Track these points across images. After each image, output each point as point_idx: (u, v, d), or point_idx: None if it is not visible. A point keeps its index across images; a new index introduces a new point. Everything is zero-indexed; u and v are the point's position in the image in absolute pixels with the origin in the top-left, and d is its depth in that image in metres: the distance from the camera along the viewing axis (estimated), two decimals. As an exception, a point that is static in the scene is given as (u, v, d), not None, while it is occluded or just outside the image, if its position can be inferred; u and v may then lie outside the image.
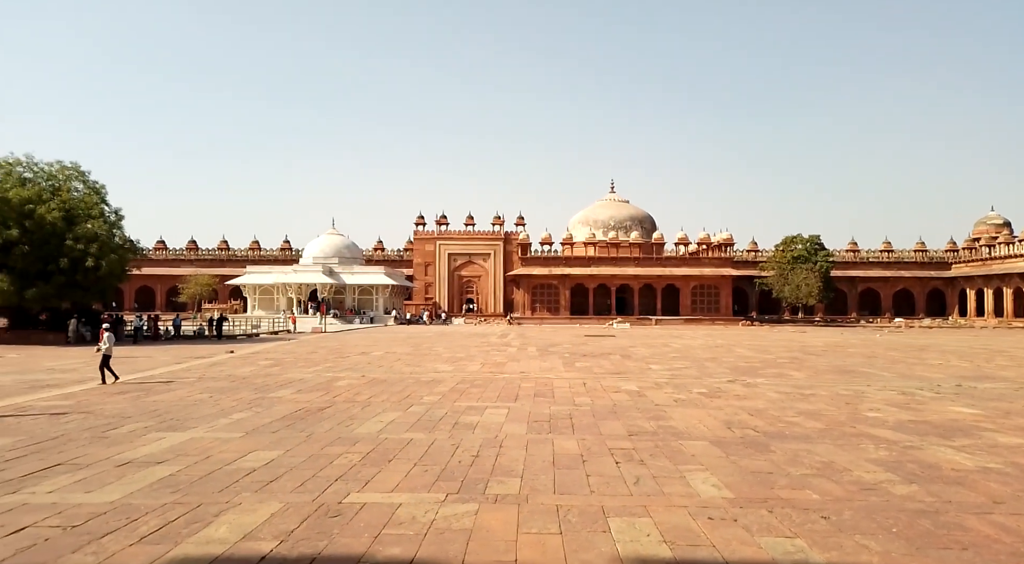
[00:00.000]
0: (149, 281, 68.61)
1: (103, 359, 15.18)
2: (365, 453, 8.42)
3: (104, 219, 31.16)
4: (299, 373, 17.68)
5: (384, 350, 26.09)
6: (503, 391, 14.36)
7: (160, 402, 12.54)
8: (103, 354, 15.17)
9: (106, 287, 31.87)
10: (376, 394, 13.77)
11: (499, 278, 67.27)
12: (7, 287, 27.62)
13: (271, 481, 7.09)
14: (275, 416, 11.10)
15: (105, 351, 15.16)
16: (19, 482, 6.96)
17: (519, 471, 7.56)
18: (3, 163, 30.51)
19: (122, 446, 8.69)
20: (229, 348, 26.78)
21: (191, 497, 6.48)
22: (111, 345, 15.34)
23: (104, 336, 15.36)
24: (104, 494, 6.55)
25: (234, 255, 73.48)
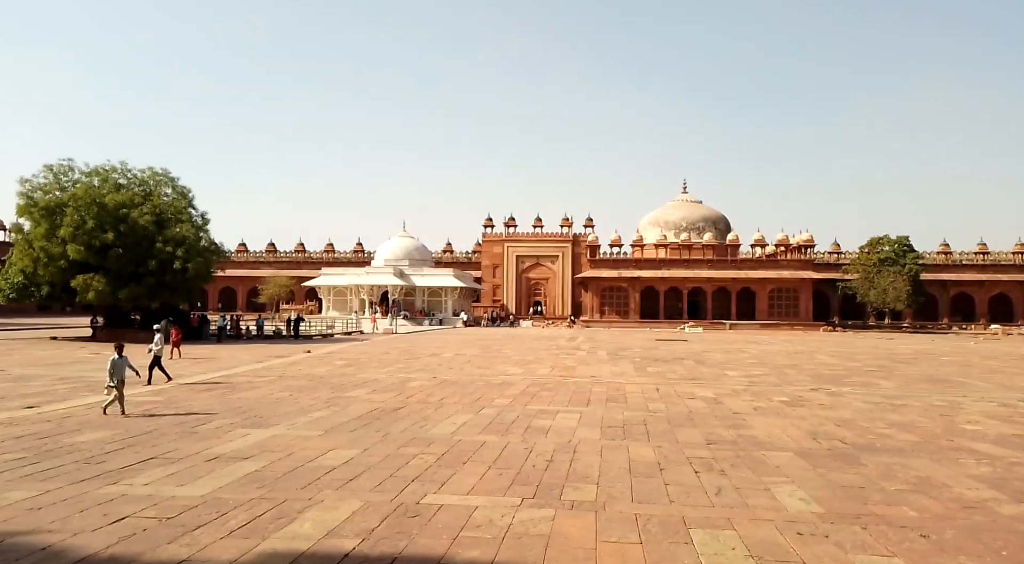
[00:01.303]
0: (231, 282, 71.77)
1: (153, 359, 15.23)
2: (440, 454, 8.49)
3: (191, 223, 32.79)
4: (373, 373, 18.06)
5: (454, 352, 26.36)
6: (574, 395, 14.24)
7: (244, 399, 13.03)
8: (153, 354, 15.23)
9: (192, 288, 33.51)
10: (448, 396, 13.90)
11: (567, 280, 66.97)
12: (103, 287, 29.38)
13: (351, 479, 7.23)
14: (352, 415, 11.34)
15: (156, 351, 15.22)
16: (118, 474, 7.34)
17: (595, 477, 7.45)
18: (100, 170, 32.56)
19: (210, 441, 9.07)
20: (306, 348, 27.66)
21: (276, 493, 6.68)
22: (161, 346, 15.43)
23: (155, 337, 15.50)
24: (195, 488, 6.83)
25: (310, 257, 75.97)
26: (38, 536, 5.37)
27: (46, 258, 29.70)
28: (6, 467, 7.52)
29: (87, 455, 8.16)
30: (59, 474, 7.26)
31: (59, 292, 31.48)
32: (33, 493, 6.53)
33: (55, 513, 5.95)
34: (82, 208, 29.50)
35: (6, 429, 9.71)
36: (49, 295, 31.99)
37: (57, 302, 33.18)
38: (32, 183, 30.80)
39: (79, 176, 31.89)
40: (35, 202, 30.06)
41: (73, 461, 7.85)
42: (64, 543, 5.24)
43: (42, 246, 29.55)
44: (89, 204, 29.69)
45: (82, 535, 5.41)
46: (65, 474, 7.27)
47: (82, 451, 8.37)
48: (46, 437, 9.19)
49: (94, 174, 32.21)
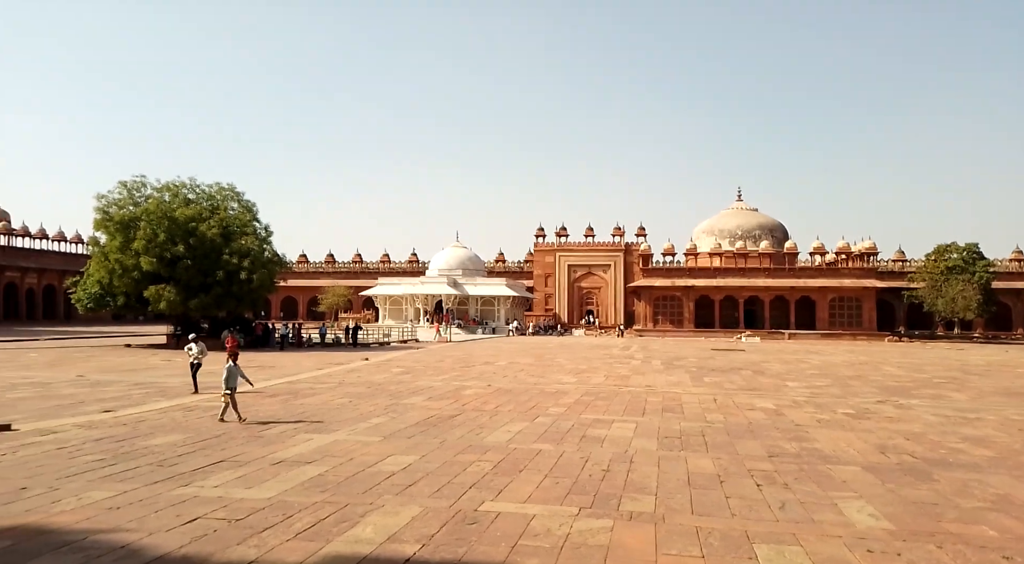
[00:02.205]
0: (293, 292, 73.88)
1: (192, 367, 15.23)
2: (496, 462, 8.54)
3: (256, 235, 33.98)
4: (429, 381, 18.29)
5: (507, 360, 26.45)
6: (629, 405, 14.10)
7: (306, 405, 13.39)
8: (192, 363, 15.22)
9: (257, 298, 34.69)
10: (503, 404, 13.96)
11: (619, 289, 66.39)
12: (174, 297, 30.69)
13: (410, 485, 7.34)
14: (409, 422, 11.52)
15: (194, 360, 15.20)
16: (190, 476, 7.65)
17: (652, 488, 7.36)
18: (171, 186, 34.08)
19: (275, 446, 9.35)
20: (364, 355, 28.21)
21: (338, 497, 6.84)
22: (200, 355, 15.29)
23: (194, 346, 15.36)
24: (262, 490, 7.05)
25: (367, 268, 77.60)
26: (117, 535, 5.65)
27: (121, 270, 31.22)
28: (87, 468, 7.93)
29: (161, 458, 8.53)
30: (135, 476, 7.61)
31: (133, 302, 33.00)
32: (112, 493, 6.87)
33: (132, 513, 6.24)
34: (154, 222, 30.92)
35: (86, 432, 10.24)
36: (124, 305, 33.56)
37: (131, 311, 34.79)
38: (108, 199, 32.47)
39: (151, 191, 33.45)
40: (111, 217, 31.68)
41: (148, 463, 8.22)
42: (141, 542, 5.49)
43: (117, 258, 31.09)
44: (160, 218, 31.10)
45: (157, 535, 5.67)
46: (140, 476, 7.61)
47: (156, 454, 8.75)
48: (122, 440, 9.65)
49: (165, 189, 33.73)
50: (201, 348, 15.36)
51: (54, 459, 8.37)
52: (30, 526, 5.83)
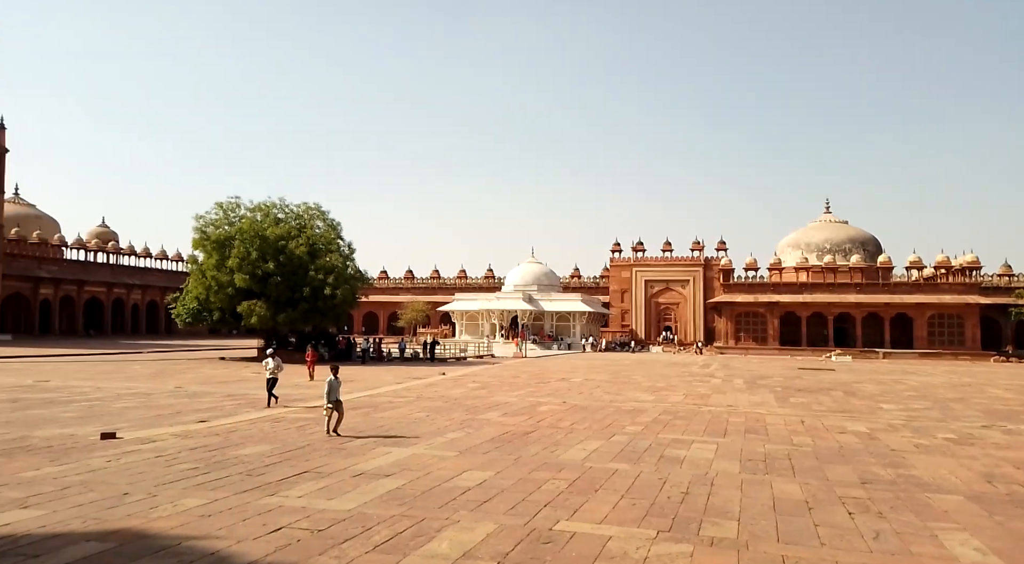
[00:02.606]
0: (374, 307, 76.08)
1: (269, 382, 15.44)
2: (571, 480, 8.45)
3: (339, 253, 35.29)
4: (504, 397, 18.35)
5: (583, 377, 26.23)
6: (710, 425, 13.68)
7: (385, 419, 13.70)
8: (268, 377, 15.45)
9: (340, 313, 35.96)
10: (578, 421, 13.83)
11: (699, 305, 64.76)
12: (264, 312, 32.20)
13: (485, 501, 7.36)
14: (484, 438, 11.58)
15: (271, 374, 15.42)
16: (276, 486, 7.95)
17: (735, 513, 7.10)
18: (262, 206, 35.92)
19: (355, 458, 9.60)
20: (441, 370, 28.64)
21: (415, 510, 6.94)
22: (276, 369, 15.50)
23: (270, 361, 15.56)
24: (343, 502, 7.25)
25: (444, 283, 79.06)
26: (208, 541, 5.93)
27: (216, 286, 33.05)
28: (182, 476, 8.38)
29: (249, 467, 8.91)
30: (225, 484, 7.98)
31: (227, 317, 34.83)
32: (204, 501, 7.22)
33: (222, 521, 6.54)
34: (247, 241, 32.62)
35: (182, 441, 10.83)
36: (219, 320, 35.47)
37: (225, 326, 36.70)
38: (205, 219, 34.53)
39: (244, 212, 35.35)
40: (207, 236, 33.65)
41: (237, 472, 8.60)
42: (230, 549, 5.74)
43: (213, 275, 32.95)
44: (253, 237, 32.79)
45: (245, 542, 5.91)
46: (230, 484, 7.97)
47: (245, 463, 9.15)
48: (215, 449, 10.14)
49: (257, 210, 35.56)
50: (277, 363, 15.61)
51: (153, 467, 8.88)
52: (131, 530, 6.20)
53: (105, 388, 19.18)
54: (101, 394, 17.58)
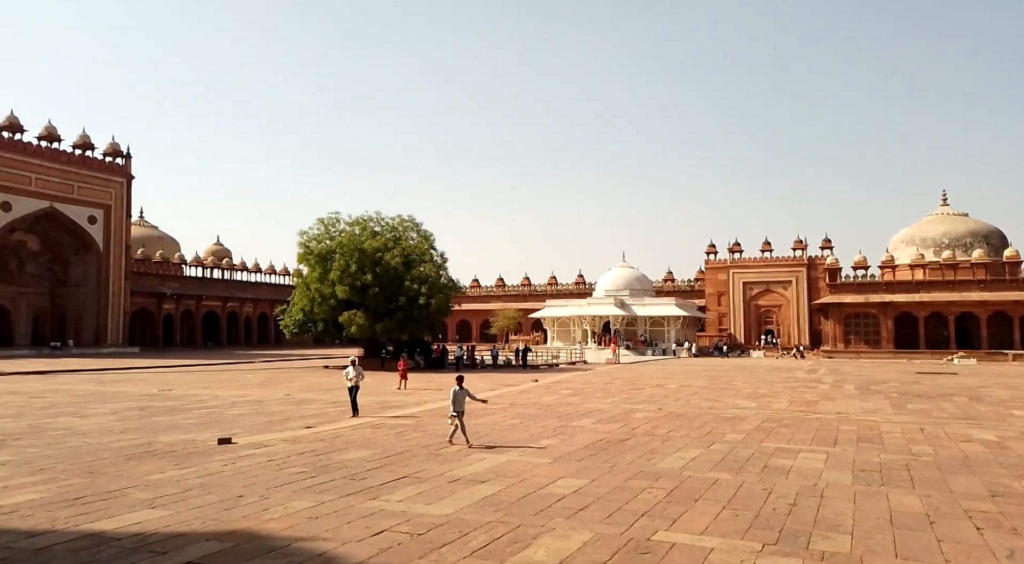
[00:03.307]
0: (466, 315, 77.49)
1: (351, 391, 15.45)
2: (669, 490, 8.24)
3: (433, 263, 36.24)
4: (597, 403, 18.17)
5: (679, 383, 25.57)
6: (818, 433, 12.98)
7: (480, 425, 13.86)
8: (351, 385, 15.41)
9: (435, 321, 36.88)
10: (675, 428, 13.49)
11: (803, 307, 61.80)
12: (363, 322, 33.47)
13: (580, 509, 7.30)
14: (578, 445, 11.50)
15: (354, 382, 15.39)
16: (377, 490, 8.20)
17: (847, 526, 6.69)
18: (360, 220, 37.43)
19: (452, 464, 9.77)
20: (533, 377, 28.71)
21: (511, 517, 6.97)
22: (357, 378, 15.45)
23: (351, 370, 15.50)
24: (440, 507, 7.38)
25: (535, 290, 79.53)
26: (315, 543, 6.18)
27: (319, 298, 34.67)
28: (292, 479, 8.80)
29: (352, 472, 9.25)
30: (331, 488, 8.31)
31: (330, 327, 36.42)
32: (312, 504, 7.55)
33: (328, 523, 6.81)
34: (347, 254, 34.08)
35: (291, 446, 11.39)
36: (323, 330, 37.14)
37: (328, 336, 38.40)
38: (308, 234, 36.36)
39: (344, 226, 36.97)
40: (311, 250, 35.41)
41: (341, 477, 8.94)
42: (335, 551, 5.96)
43: (316, 288, 34.59)
44: (352, 250, 34.21)
45: (350, 544, 6.12)
46: (335, 488, 8.30)
47: (348, 468, 9.51)
48: (321, 454, 10.60)
49: (355, 224, 37.10)
50: (359, 372, 15.55)
51: (265, 470, 9.38)
52: (246, 531, 6.57)
53: (221, 396, 20.48)
54: (218, 402, 18.79)
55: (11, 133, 50.44)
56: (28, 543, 6.11)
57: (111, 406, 17.56)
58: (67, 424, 14.05)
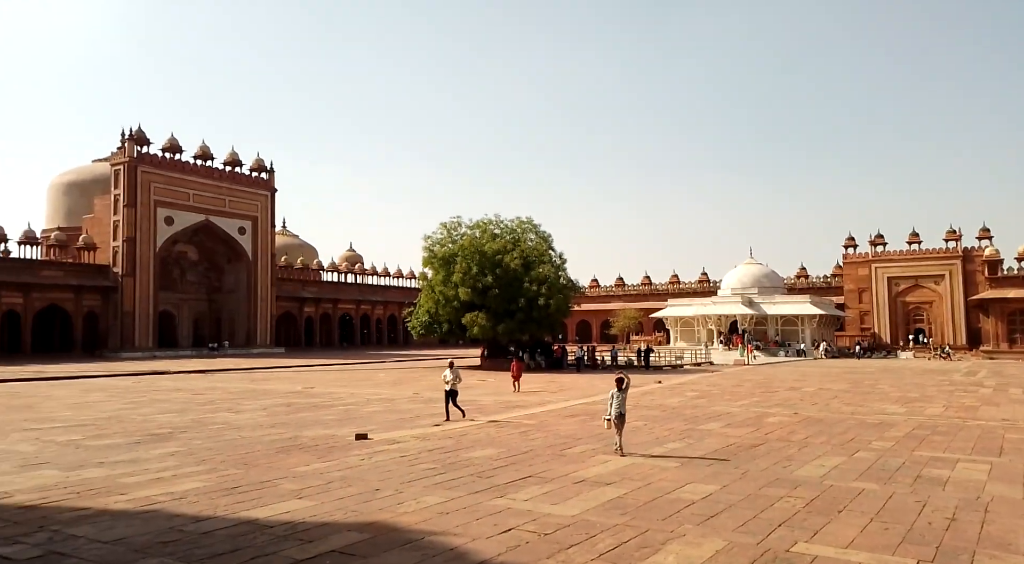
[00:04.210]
0: (586, 316, 77.24)
1: (449, 394, 14.90)
2: (808, 499, 7.77)
3: (551, 263, 36.45)
4: (726, 407, 17.48)
5: (816, 386, 24.07)
6: (979, 442, 11.77)
7: (602, 427, 13.74)
8: (448, 389, 14.91)
9: (554, 322, 37.08)
10: (813, 434, 12.71)
11: (958, 303, 56.26)
12: (485, 323, 34.24)
13: (711, 516, 7.05)
14: (707, 449, 11.12)
15: (451, 386, 14.91)
16: (503, 488, 8.35)
17: (1019, 546, 6.01)
18: (480, 223, 38.34)
19: (576, 465, 9.76)
20: (657, 378, 28.09)
21: (638, 521, 6.85)
22: (455, 380, 14.97)
23: (448, 373, 15.07)
24: (566, 508, 7.39)
25: (655, 290, 77.86)
26: (447, 538, 6.39)
27: (443, 300, 35.86)
28: (423, 475, 9.15)
29: (479, 469, 9.47)
30: (460, 484, 8.56)
31: (454, 328, 37.58)
32: (442, 499, 7.80)
33: (458, 519, 7.01)
34: (468, 256, 35.02)
35: (421, 443, 11.85)
36: (447, 331, 38.40)
37: (452, 336, 39.64)
38: (432, 239, 37.77)
39: (465, 230, 38.04)
40: (434, 254, 36.73)
41: (469, 474, 9.18)
42: (465, 546, 6.13)
43: (440, 290, 35.81)
44: (473, 253, 35.12)
45: (479, 541, 6.27)
46: (464, 485, 8.54)
47: (475, 466, 9.74)
48: (449, 451, 10.94)
49: (476, 227, 38.06)
50: (456, 374, 15.02)
51: (398, 466, 9.82)
52: (383, 523, 6.90)
53: (357, 394, 21.68)
54: (354, 399, 19.90)
55: (171, 154, 56.08)
56: (195, 527, 6.76)
57: (261, 402, 19.08)
58: (224, 419, 15.42)
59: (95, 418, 15.60)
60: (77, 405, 18.56)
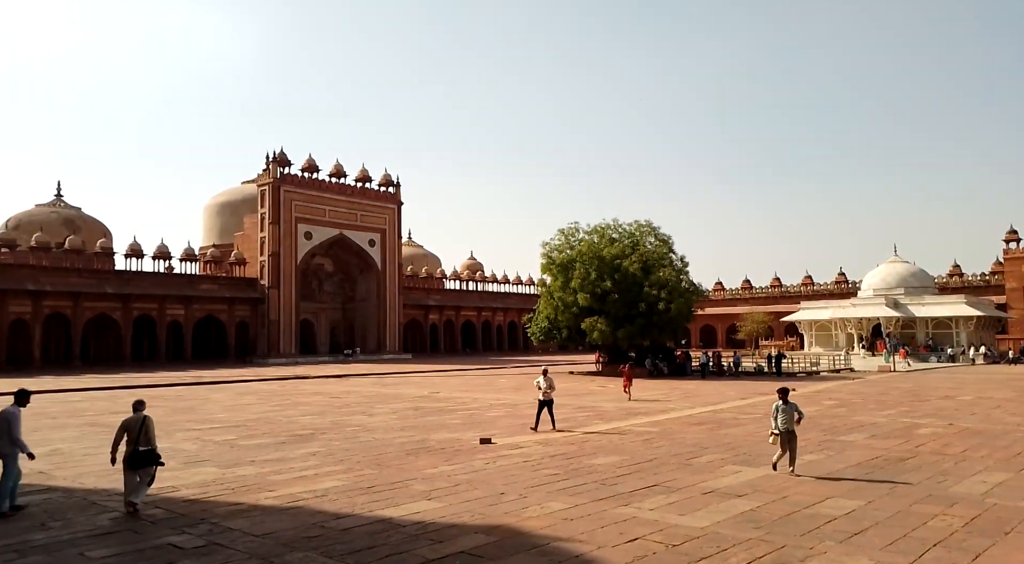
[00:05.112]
0: (710, 320, 74.52)
1: (543, 404, 14.16)
2: (968, 518, 7.07)
3: (672, 267, 35.53)
4: (870, 416, 16.25)
5: (975, 394, 21.81)
6: None
7: (732, 436, 13.22)
8: (540, 399, 14.20)
9: (676, 327, 36.08)
10: (972, 447, 11.54)
11: None
12: (605, 328, 33.91)
13: (855, 533, 6.58)
14: (848, 462, 10.40)
15: (543, 395, 14.15)
16: (628, 496, 8.23)
17: None
18: (598, 228, 38.08)
19: (704, 475, 9.44)
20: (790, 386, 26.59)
21: (773, 536, 6.52)
22: (548, 389, 14.17)
23: (542, 380, 14.24)
24: (694, 519, 7.17)
25: (786, 292, 73.82)
26: (572, 544, 6.39)
27: (562, 306, 35.92)
28: (546, 480, 9.21)
29: (603, 477, 9.39)
30: (583, 491, 8.53)
31: (574, 334, 37.52)
32: (566, 505, 7.81)
33: (583, 525, 6.99)
34: (586, 262, 34.90)
35: (544, 448, 11.92)
36: (567, 337, 38.40)
37: (572, 342, 39.59)
38: (550, 245, 37.94)
39: (583, 235, 37.92)
40: (553, 260, 36.89)
41: (592, 481, 9.13)
42: (592, 554, 6.10)
43: (559, 296, 35.90)
44: (591, 258, 34.95)
45: (605, 549, 6.22)
46: (587, 492, 8.50)
47: (598, 473, 9.67)
48: (571, 458, 10.94)
49: (594, 232, 37.86)
50: (549, 382, 14.21)
51: (522, 470, 9.94)
52: (508, 526, 7.01)
53: (479, 399, 22.18)
54: (477, 404, 20.38)
55: (309, 173, 60.12)
56: (335, 524, 7.20)
57: (391, 406, 19.98)
58: (359, 421, 16.30)
59: (246, 419, 17.00)
60: (231, 407, 20.31)
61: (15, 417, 7.89)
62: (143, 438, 7.77)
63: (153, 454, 7.81)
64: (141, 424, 7.82)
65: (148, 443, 7.80)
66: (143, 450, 7.72)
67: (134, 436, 7.75)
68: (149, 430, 7.86)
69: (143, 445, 7.74)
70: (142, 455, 7.69)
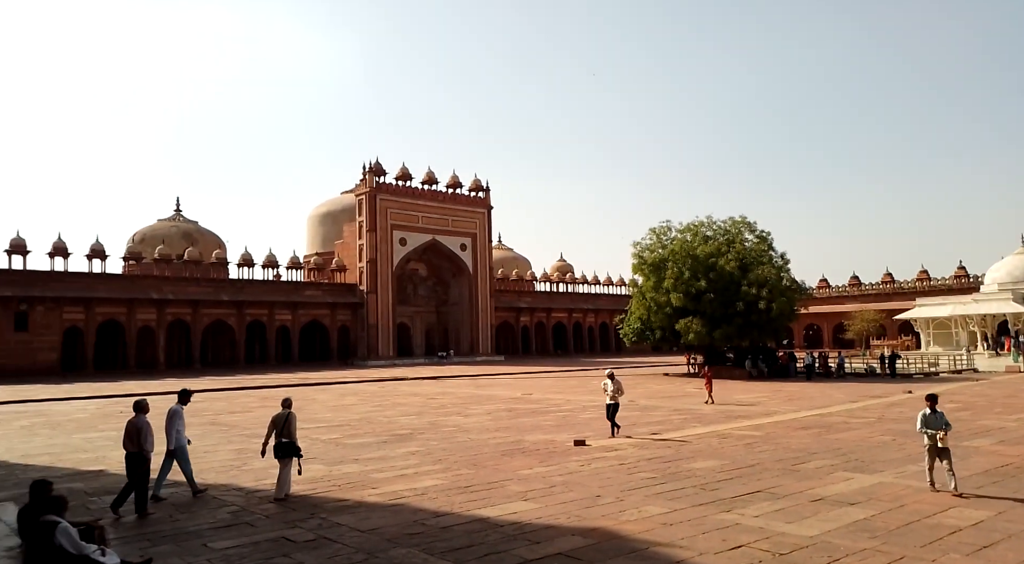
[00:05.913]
0: (815, 319, 70.94)
1: (609, 408, 13.67)
2: (1121, 537, 6.37)
3: (772, 264, 34.08)
4: (997, 421, 14.98)
5: (1125, 398, 19.66)
6: None
7: (842, 440, 12.54)
8: (608, 403, 13.69)
9: (778, 327, 34.57)
10: (1123, 457, 10.40)
11: None
12: (700, 329, 32.95)
13: (984, 546, 6.09)
14: (974, 469, 9.64)
15: (610, 399, 13.68)
16: (730, 502, 7.96)
17: None
18: (691, 226, 37.10)
19: (812, 481, 9.00)
20: (906, 388, 24.90)
21: (891, 547, 6.13)
22: (616, 393, 13.66)
23: (609, 383, 13.63)
24: (803, 527, 6.84)
25: (899, 288, 69.26)
26: (672, 550, 6.25)
27: (655, 306, 35.21)
28: (643, 484, 9.06)
29: (702, 481, 9.14)
30: (682, 496, 8.33)
31: (667, 335, 36.72)
32: (664, 510, 7.66)
33: (682, 531, 6.83)
34: (679, 261, 34.07)
35: (640, 451, 11.74)
36: (660, 338, 37.64)
37: (665, 343, 38.74)
38: (641, 245, 37.28)
39: (675, 234, 37.07)
40: (644, 260, 36.23)
41: (691, 485, 8.90)
42: (693, 560, 5.95)
43: (652, 297, 35.22)
44: (684, 257, 34.10)
45: (706, 556, 6.05)
46: (686, 496, 8.29)
47: (698, 477, 9.42)
48: (669, 461, 10.71)
49: (686, 230, 36.92)
50: (617, 386, 13.59)
51: (617, 473, 9.83)
52: (605, 529, 6.95)
53: (572, 400, 22.11)
54: (570, 406, 20.32)
55: (403, 181, 62.03)
56: (435, 522, 7.38)
57: (485, 407, 20.27)
58: (455, 422, 16.63)
59: (349, 419, 17.72)
60: (335, 407, 21.23)
61: (178, 414, 9.13)
62: (285, 431, 8.81)
63: (293, 446, 8.77)
64: (285, 419, 8.89)
65: (289, 436, 8.81)
66: (284, 442, 8.72)
67: (279, 430, 8.81)
68: (291, 425, 8.92)
69: (284, 437, 8.77)
70: (284, 447, 8.69)
